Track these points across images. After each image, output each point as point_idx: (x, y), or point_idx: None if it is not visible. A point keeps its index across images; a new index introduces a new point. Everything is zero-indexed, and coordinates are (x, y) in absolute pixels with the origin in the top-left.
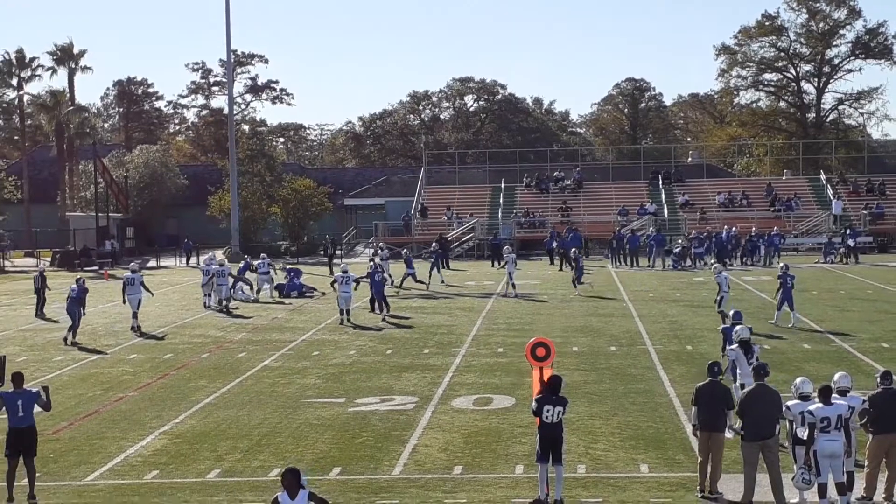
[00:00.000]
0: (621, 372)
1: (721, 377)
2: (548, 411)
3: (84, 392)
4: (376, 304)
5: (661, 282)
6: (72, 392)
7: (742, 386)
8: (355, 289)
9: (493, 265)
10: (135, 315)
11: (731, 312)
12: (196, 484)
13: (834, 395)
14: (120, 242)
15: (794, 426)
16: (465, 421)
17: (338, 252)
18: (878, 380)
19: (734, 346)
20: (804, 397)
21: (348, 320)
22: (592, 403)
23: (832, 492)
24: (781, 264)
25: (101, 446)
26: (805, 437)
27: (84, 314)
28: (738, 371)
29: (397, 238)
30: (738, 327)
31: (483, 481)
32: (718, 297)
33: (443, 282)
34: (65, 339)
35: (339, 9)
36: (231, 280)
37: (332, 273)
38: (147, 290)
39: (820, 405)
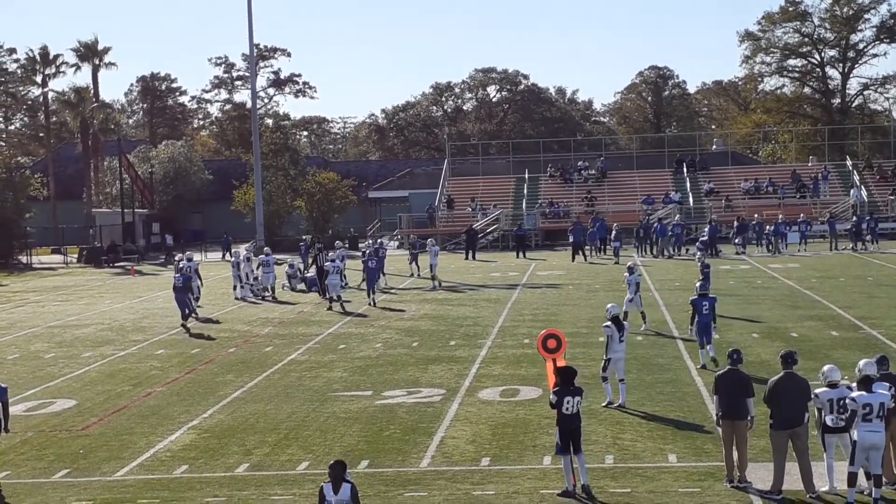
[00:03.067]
0: (648, 362)
1: (741, 364)
2: (567, 402)
3: (112, 388)
4: (368, 290)
5: (687, 271)
6: (100, 388)
7: (608, 361)
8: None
9: (517, 256)
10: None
11: (698, 285)
12: (225, 478)
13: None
14: (146, 238)
15: (823, 414)
16: (493, 412)
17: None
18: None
19: (608, 322)
20: (832, 385)
21: (340, 306)
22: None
23: (861, 481)
24: (698, 254)
25: (130, 442)
26: (832, 425)
27: (192, 298)
28: (609, 346)
29: (422, 230)
30: (609, 305)
31: (511, 473)
32: (634, 297)
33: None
34: (187, 329)
35: (361, 1)
36: (276, 268)
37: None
38: (200, 279)
39: (862, 392)
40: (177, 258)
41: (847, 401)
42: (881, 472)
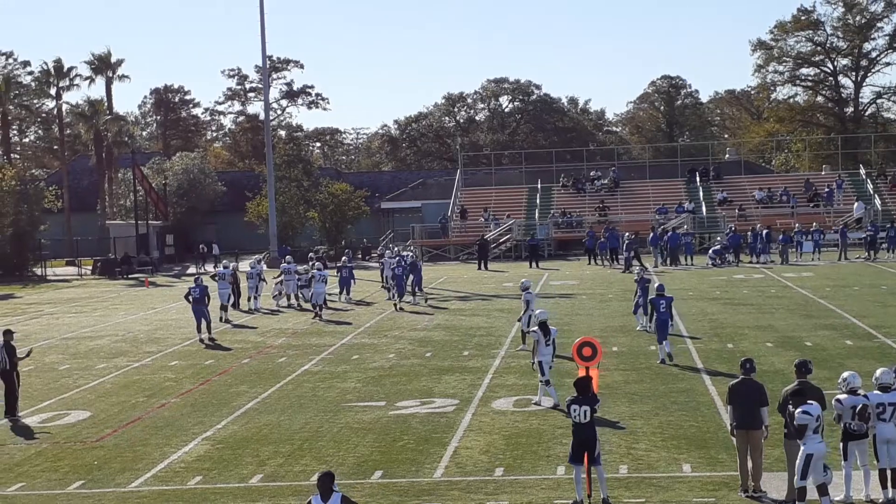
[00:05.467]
0: (662, 371)
1: (754, 374)
2: (575, 411)
3: (127, 399)
4: (408, 292)
5: (701, 280)
6: (115, 399)
7: (540, 363)
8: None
9: (530, 266)
10: (224, 308)
11: (657, 284)
12: (239, 489)
13: (876, 391)
14: (160, 250)
15: (843, 420)
16: (506, 423)
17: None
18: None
19: (535, 327)
20: (853, 391)
21: (319, 316)
22: (633, 403)
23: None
24: (637, 268)
25: (144, 453)
26: (854, 430)
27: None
28: (537, 349)
29: (434, 241)
30: (537, 311)
31: (524, 483)
32: (525, 317)
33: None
34: (200, 340)
35: (373, 13)
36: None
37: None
38: (237, 283)
39: (876, 392)
40: (223, 264)
41: (807, 415)
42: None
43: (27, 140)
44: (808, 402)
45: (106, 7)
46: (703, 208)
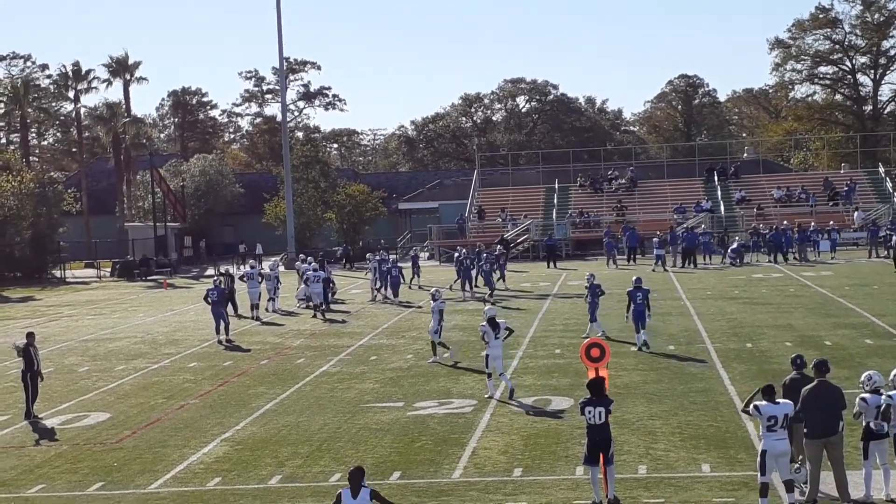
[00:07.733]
0: (680, 371)
1: (805, 369)
2: (589, 412)
3: (146, 401)
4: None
5: (719, 279)
6: (134, 401)
7: (487, 356)
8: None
9: (548, 266)
10: (255, 307)
11: (634, 277)
12: (258, 490)
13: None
14: (178, 252)
15: (865, 419)
16: (524, 423)
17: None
18: None
19: (484, 323)
20: (876, 391)
21: (321, 315)
22: (652, 403)
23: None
24: (587, 274)
25: (163, 454)
26: (876, 431)
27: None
28: (487, 342)
29: (452, 241)
30: (487, 307)
31: (543, 483)
32: (438, 327)
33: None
34: (219, 341)
35: (390, 14)
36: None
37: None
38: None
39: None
40: (250, 264)
41: (757, 411)
42: None
43: (46, 143)
44: (777, 401)
45: (123, 10)
46: (722, 207)
